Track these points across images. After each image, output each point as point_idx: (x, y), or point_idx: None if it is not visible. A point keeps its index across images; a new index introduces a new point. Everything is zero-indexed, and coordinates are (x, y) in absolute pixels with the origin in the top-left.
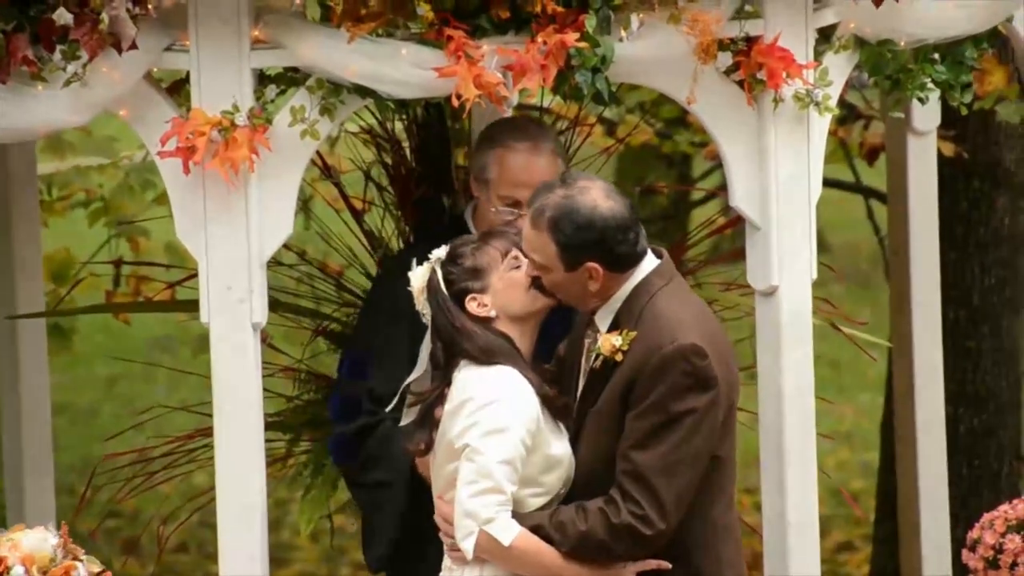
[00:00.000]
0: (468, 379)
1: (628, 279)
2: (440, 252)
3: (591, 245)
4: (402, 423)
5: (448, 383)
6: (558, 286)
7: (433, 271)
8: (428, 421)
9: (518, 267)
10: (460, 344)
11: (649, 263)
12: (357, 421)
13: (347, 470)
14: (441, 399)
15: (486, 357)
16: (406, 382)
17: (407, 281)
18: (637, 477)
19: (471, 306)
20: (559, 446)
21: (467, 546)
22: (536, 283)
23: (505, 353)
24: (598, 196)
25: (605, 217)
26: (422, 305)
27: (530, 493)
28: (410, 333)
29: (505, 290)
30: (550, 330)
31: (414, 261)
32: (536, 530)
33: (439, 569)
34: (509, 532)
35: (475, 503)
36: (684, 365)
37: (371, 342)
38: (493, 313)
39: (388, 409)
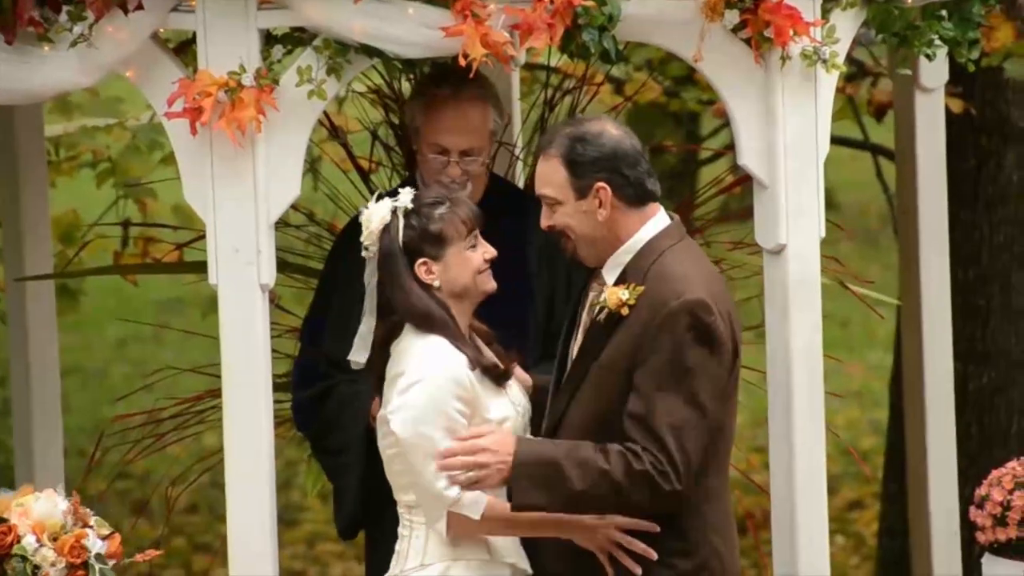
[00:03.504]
0: (404, 350)
1: (638, 227)
2: (405, 199)
3: (601, 161)
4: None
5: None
6: (570, 224)
7: (394, 216)
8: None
9: (474, 247)
10: (396, 299)
11: (661, 220)
12: (315, 386)
13: (309, 436)
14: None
15: (422, 323)
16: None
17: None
18: (654, 437)
19: (420, 270)
20: (499, 408)
21: (441, 528)
22: (556, 234)
23: (441, 323)
24: (608, 124)
25: (615, 136)
26: (371, 241)
27: None
28: (363, 298)
29: (456, 266)
30: (499, 309)
31: (375, 194)
32: (553, 465)
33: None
34: (477, 506)
35: (436, 487)
36: (690, 319)
37: (327, 308)
38: (437, 283)
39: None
